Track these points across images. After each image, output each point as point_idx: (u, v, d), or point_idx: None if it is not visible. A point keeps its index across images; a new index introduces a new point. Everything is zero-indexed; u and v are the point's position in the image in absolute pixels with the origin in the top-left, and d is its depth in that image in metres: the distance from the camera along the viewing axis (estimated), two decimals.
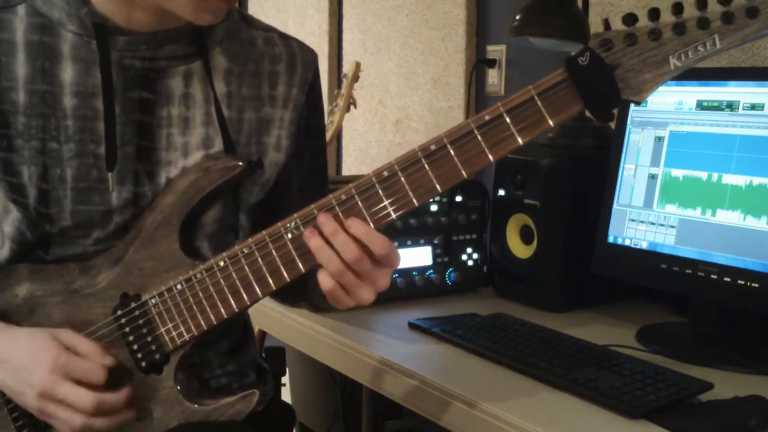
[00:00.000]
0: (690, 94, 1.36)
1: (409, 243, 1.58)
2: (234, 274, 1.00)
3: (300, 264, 0.98)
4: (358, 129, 2.64)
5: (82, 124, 1.02)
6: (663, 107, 1.39)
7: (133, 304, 1.03)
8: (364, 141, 2.63)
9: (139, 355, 1.03)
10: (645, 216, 1.40)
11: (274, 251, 0.99)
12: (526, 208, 1.53)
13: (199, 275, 1.01)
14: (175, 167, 1.05)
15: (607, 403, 1.07)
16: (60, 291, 1.04)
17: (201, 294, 1.01)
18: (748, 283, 1.25)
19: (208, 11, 0.97)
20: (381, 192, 0.96)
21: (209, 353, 1.14)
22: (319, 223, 0.96)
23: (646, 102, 1.37)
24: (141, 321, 1.03)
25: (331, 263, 0.95)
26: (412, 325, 1.40)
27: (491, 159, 0.94)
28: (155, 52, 1.03)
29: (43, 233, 1.04)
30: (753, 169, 1.26)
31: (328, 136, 1.83)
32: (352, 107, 2.18)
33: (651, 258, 1.38)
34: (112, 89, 1.01)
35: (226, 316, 1.01)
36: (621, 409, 1.05)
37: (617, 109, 1.45)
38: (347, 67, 2.30)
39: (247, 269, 1.00)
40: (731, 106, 1.31)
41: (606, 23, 0.92)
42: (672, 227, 1.36)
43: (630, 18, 0.91)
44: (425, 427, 1.60)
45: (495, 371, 1.21)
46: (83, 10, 1.00)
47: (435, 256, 1.60)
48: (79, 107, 1.01)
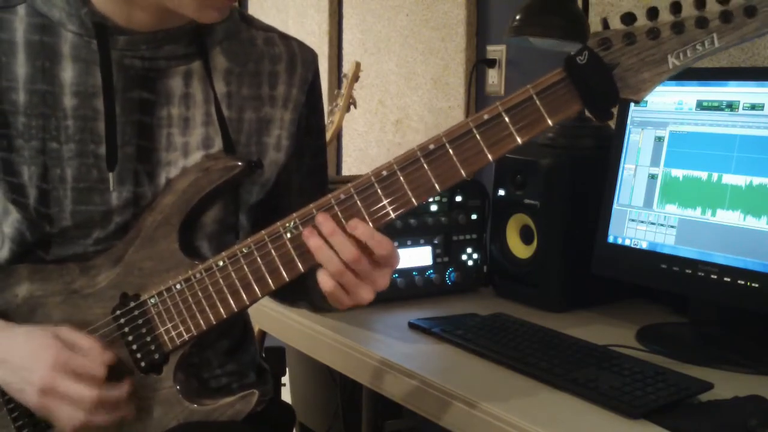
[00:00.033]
0: (690, 94, 1.36)
1: (409, 243, 1.58)
2: (233, 274, 1.00)
3: (299, 264, 0.98)
4: (358, 129, 2.64)
5: (82, 124, 1.02)
6: (663, 107, 1.39)
7: (133, 303, 1.03)
8: (364, 141, 2.63)
9: (139, 355, 1.03)
10: (645, 216, 1.40)
11: (273, 251, 0.99)
12: (526, 208, 1.53)
13: (198, 275, 1.01)
14: (175, 167, 1.05)
15: (607, 403, 1.07)
16: (60, 291, 1.04)
17: (200, 294, 1.01)
18: (748, 283, 1.25)
19: (211, 8, 0.97)
20: (380, 191, 0.96)
21: (209, 353, 1.14)
22: (318, 223, 0.96)
23: (645, 102, 1.37)
24: (140, 321, 1.03)
25: (331, 263, 0.95)
26: (412, 325, 1.40)
27: (490, 158, 0.94)
28: (155, 51, 1.03)
29: (43, 233, 1.04)
30: (753, 169, 1.26)
31: (328, 136, 1.83)
32: (352, 107, 2.18)
33: (651, 258, 1.38)
34: (112, 89, 1.01)
35: (225, 316, 1.01)
36: (621, 409, 1.05)
37: (617, 109, 1.45)
38: (347, 67, 2.30)
39: (247, 269, 1.00)
40: (731, 106, 1.31)
41: (605, 22, 0.92)
42: (672, 227, 1.36)
43: (628, 17, 0.91)
44: (425, 427, 1.60)
45: (495, 371, 1.21)
46: (83, 9, 1.00)
47: (435, 256, 1.60)
48: (79, 107, 1.01)
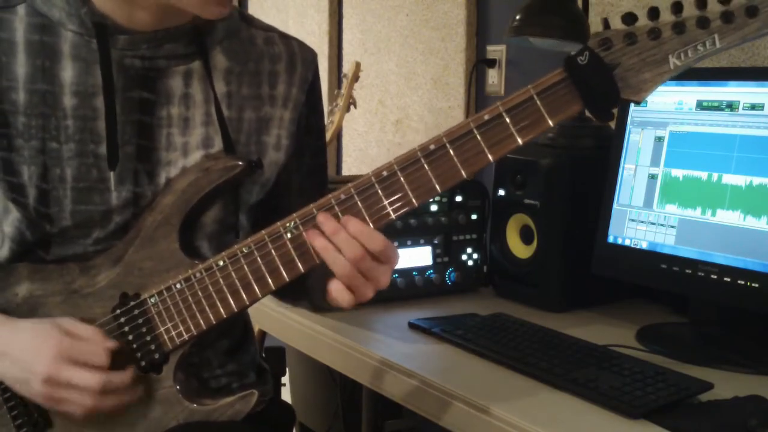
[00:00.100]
0: (690, 94, 1.36)
1: (409, 243, 1.58)
2: (233, 273, 1.00)
3: (299, 264, 0.98)
4: (358, 129, 2.64)
5: (82, 123, 1.02)
6: (663, 107, 1.39)
7: (133, 303, 1.03)
8: (364, 141, 2.63)
9: (138, 355, 1.03)
10: (645, 216, 1.40)
11: (273, 251, 0.99)
12: (526, 208, 1.53)
13: (199, 275, 1.01)
14: (175, 167, 1.05)
15: (607, 403, 1.07)
16: (60, 291, 1.04)
17: (200, 293, 1.01)
18: (748, 283, 1.25)
19: (214, 4, 0.97)
20: (380, 192, 0.96)
21: (209, 353, 1.14)
22: (319, 223, 0.96)
23: (646, 102, 1.37)
24: (140, 320, 1.03)
25: (338, 264, 0.95)
26: (412, 325, 1.40)
27: (491, 159, 0.94)
28: (155, 51, 1.03)
29: (43, 233, 1.04)
30: (753, 169, 1.26)
31: (328, 136, 1.84)
32: (352, 107, 2.18)
33: (651, 258, 1.38)
34: (112, 88, 1.01)
35: (225, 315, 1.01)
36: (621, 409, 1.05)
37: (617, 109, 1.45)
38: (347, 67, 2.30)
39: (247, 269, 1.00)
40: (731, 106, 1.31)
41: (605, 22, 0.92)
42: (672, 227, 1.36)
43: (629, 17, 0.90)
44: (425, 427, 1.60)
45: (495, 371, 1.21)
46: (83, 9, 1.00)
47: (435, 256, 1.60)
48: (79, 107, 1.01)
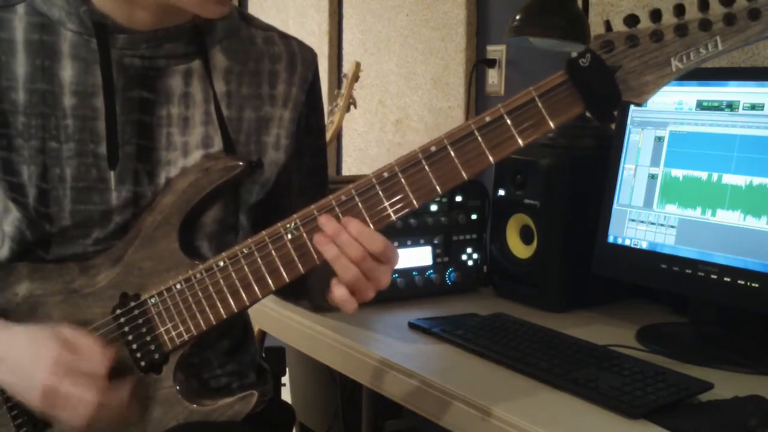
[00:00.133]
0: (690, 94, 1.36)
1: (409, 243, 1.58)
2: (233, 274, 1.00)
3: (299, 265, 0.98)
4: (358, 129, 2.64)
5: (81, 123, 1.02)
6: (663, 107, 1.39)
7: (133, 303, 1.03)
8: (364, 141, 2.63)
9: (138, 355, 1.03)
10: (645, 216, 1.40)
11: (273, 252, 0.99)
12: (526, 208, 1.53)
13: (199, 275, 1.01)
14: (175, 167, 1.05)
15: (607, 403, 1.07)
16: (59, 290, 1.04)
17: (200, 294, 1.01)
18: (748, 283, 1.25)
19: (214, 3, 0.97)
20: (381, 193, 0.96)
21: (208, 353, 1.13)
22: (321, 224, 0.96)
23: (646, 102, 1.37)
24: (140, 321, 1.03)
25: (348, 271, 0.95)
26: (412, 325, 1.40)
27: (492, 160, 0.94)
28: (155, 50, 1.03)
29: (43, 233, 1.03)
30: (753, 169, 1.26)
31: (328, 136, 1.83)
32: (352, 107, 2.17)
33: (651, 258, 1.38)
34: (112, 88, 1.01)
35: (225, 316, 1.01)
36: (621, 409, 1.05)
37: (617, 110, 1.45)
38: (347, 67, 2.30)
39: (247, 269, 1.00)
40: (731, 106, 1.30)
41: (607, 24, 0.92)
42: (672, 227, 1.36)
43: (631, 19, 0.90)
44: (425, 427, 1.60)
45: (495, 371, 1.21)
46: (83, 8, 1.00)
47: (435, 256, 1.60)
48: (79, 106, 1.01)
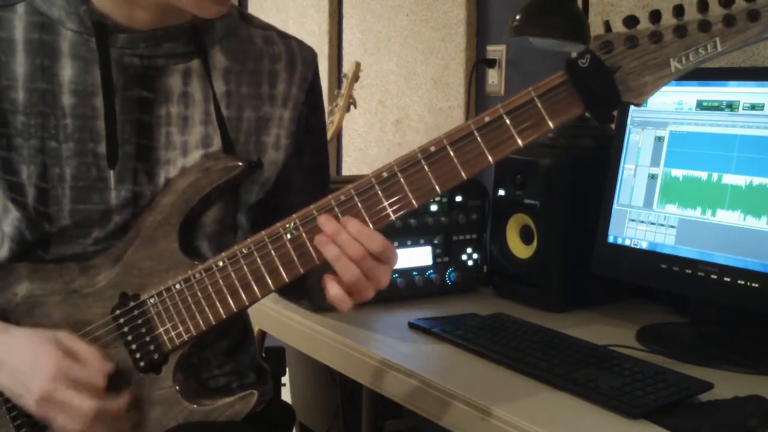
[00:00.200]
0: (690, 94, 1.36)
1: (409, 243, 1.58)
2: (233, 274, 1.00)
3: (299, 265, 0.98)
4: (358, 129, 2.64)
5: (81, 122, 1.02)
6: (663, 107, 1.39)
7: (132, 303, 1.03)
8: (364, 141, 2.63)
9: (138, 355, 1.03)
10: (645, 216, 1.40)
11: (273, 252, 0.99)
12: (526, 208, 1.53)
13: (198, 275, 1.01)
14: (174, 166, 1.05)
15: (607, 403, 1.07)
16: (59, 290, 1.04)
17: (200, 294, 1.01)
18: (748, 283, 1.25)
19: (212, 2, 0.97)
20: (380, 193, 0.96)
21: (208, 353, 1.13)
22: (320, 224, 0.96)
23: (646, 102, 1.37)
24: (140, 321, 1.03)
25: (348, 271, 0.95)
26: (412, 325, 1.40)
27: (491, 160, 0.94)
28: (154, 50, 1.03)
29: (43, 232, 1.03)
30: (753, 169, 1.26)
31: (328, 136, 1.83)
32: (352, 107, 2.17)
33: (651, 258, 1.38)
34: (111, 87, 1.01)
35: (224, 316, 1.01)
36: (621, 409, 1.05)
37: (617, 110, 1.45)
38: (347, 67, 2.30)
39: (246, 269, 1.00)
40: (731, 106, 1.30)
41: (607, 25, 0.92)
42: (672, 227, 1.36)
43: (631, 20, 0.90)
44: (425, 427, 1.60)
45: (495, 371, 1.21)
46: (82, 8, 1.00)
47: (435, 256, 1.60)
48: (78, 106, 1.01)
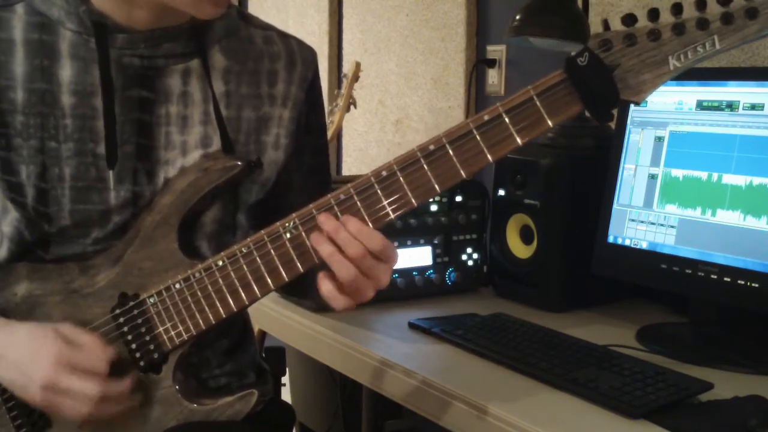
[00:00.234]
0: (690, 94, 1.36)
1: (409, 243, 1.58)
2: (232, 273, 1.00)
3: (299, 264, 0.98)
4: (358, 129, 2.64)
5: (80, 122, 1.02)
6: (663, 107, 1.39)
7: (132, 303, 1.03)
8: (364, 141, 2.63)
9: (138, 355, 1.03)
10: (645, 216, 1.40)
11: (272, 251, 0.99)
12: (526, 208, 1.53)
13: (198, 275, 1.01)
14: (174, 166, 1.05)
15: (607, 403, 1.07)
16: (59, 290, 1.04)
17: (199, 293, 1.01)
18: (748, 283, 1.25)
19: (209, 4, 0.97)
20: (380, 192, 0.96)
21: (208, 353, 1.13)
22: (320, 222, 0.96)
23: (646, 102, 1.37)
24: (139, 320, 1.03)
25: (344, 269, 0.94)
26: (412, 325, 1.40)
27: (490, 159, 0.94)
28: (154, 50, 1.03)
29: (42, 233, 1.03)
30: (753, 169, 1.26)
31: (328, 135, 1.83)
32: (352, 107, 2.17)
33: (651, 258, 1.38)
34: (111, 87, 1.01)
35: (224, 315, 1.01)
36: (621, 409, 1.05)
37: (617, 109, 1.45)
38: (347, 67, 2.30)
39: (246, 269, 1.00)
40: (731, 106, 1.30)
41: (605, 24, 0.92)
42: (672, 227, 1.36)
43: (629, 18, 0.90)
44: (425, 427, 1.60)
45: (495, 371, 1.21)
46: (82, 8, 1.00)
47: (435, 256, 1.60)
48: (78, 106, 1.01)
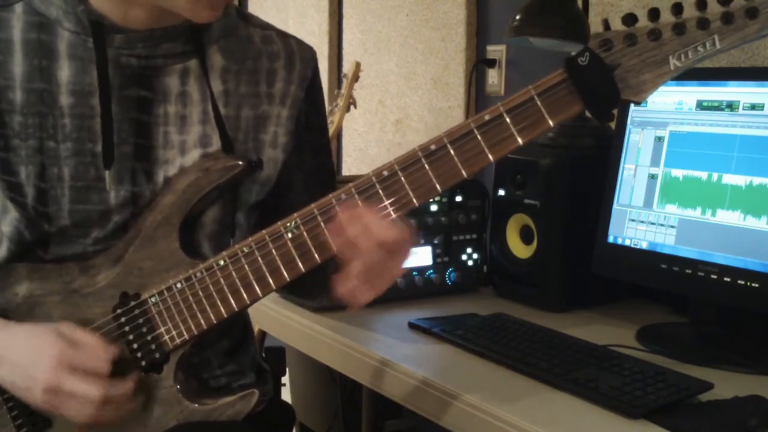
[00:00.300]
0: (690, 94, 1.36)
1: None
2: (234, 273, 1.00)
3: (300, 264, 0.98)
4: (358, 129, 2.64)
5: (79, 122, 1.02)
6: (663, 107, 1.39)
7: (133, 303, 1.03)
8: (364, 141, 2.63)
9: (139, 354, 1.03)
10: (645, 216, 1.40)
11: (274, 251, 0.99)
12: (526, 208, 1.53)
13: (199, 274, 1.01)
14: (173, 166, 1.05)
15: (607, 403, 1.07)
16: (59, 290, 1.04)
17: (201, 293, 1.01)
18: (748, 283, 1.25)
19: (205, 7, 0.97)
20: (381, 192, 0.96)
21: (209, 353, 1.13)
22: (340, 211, 0.95)
23: (646, 102, 1.36)
24: (141, 320, 1.03)
25: (362, 255, 0.93)
26: (412, 325, 1.40)
27: (491, 159, 0.94)
28: (152, 50, 1.03)
29: (42, 232, 1.03)
30: (753, 169, 1.26)
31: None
32: (352, 107, 2.17)
33: (651, 258, 1.38)
34: (108, 87, 1.01)
35: (226, 315, 1.01)
36: (621, 409, 1.05)
37: (617, 109, 1.45)
38: (347, 67, 2.30)
39: (247, 268, 1.00)
40: (731, 106, 1.30)
41: (606, 23, 0.92)
42: (672, 227, 1.36)
43: (630, 18, 0.91)
44: (425, 427, 1.60)
45: (495, 371, 1.21)
46: (80, 8, 1.00)
47: (435, 256, 1.60)
48: (76, 105, 1.01)
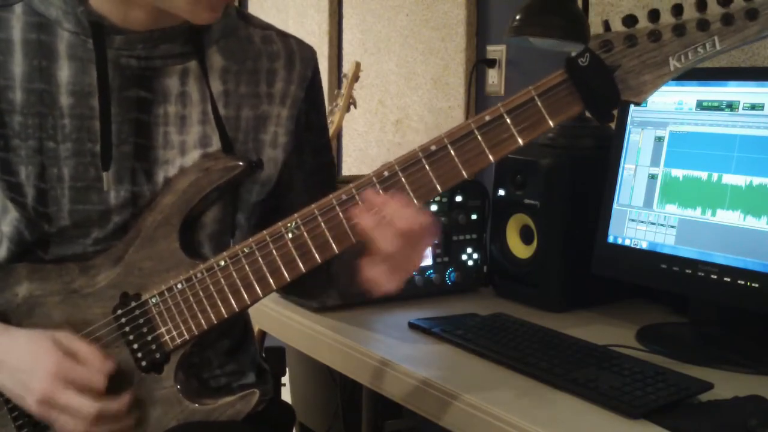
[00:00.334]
0: (690, 94, 1.36)
1: None
2: (234, 273, 1.00)
3: (300, 264, 0.98)
4: (358, 129, 2.64)
5: (78, 123, 1.02)
6: (663, 107, 1.39)
7: (133, 303, 1.03)
8: (364, 141, 2.63)
9: (140, 355, 1.03)
10: (645, 216, 1.40)
11: (274, 251, 0.99)
12: (526, 208, 1.53)
13: (200, 275, 1.01)
14: (173, 166, 1.05)
15: (607, 403, 1.07)
16: (59, 291, 1.04)
17: (201, 293, 1.01)
18: (748, 283, 1.25)
19: (204, 9, 0.97)
20: (381, 192, 0.96)
21: (209, 353, 1.13)
22: (365, 199, 0.95)
23: (646, 102, 1.37)
24: (141, 320, 1.03)
25: (386, 237, 0.93)
26: (412, 325, 1.40)
27: (491, 159, 0.94)
28: (151, 51, 1.03)
29: (42, 233, 1.04)
30: (753, 169, 1.26)
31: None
32: (352, 107, 2.17)
33: (651, 258, 1.38)
34: (107, 88, 1.01)
35: (226, 315, 1.02)
36: (621, 409, 1.05)
37: (617, 109, 1.45)
38: (347, 67, 2.30)
39: (248, 269, 1.00)
40: (731, 106, 1.31)
41: (606, 24, 0.92)
42: (672, 227, 1.36)
43: (630, 19, 0.91)
44: (425, 427, 1.60)
45: (495, 371, 1.21)
46: (80, 8, 1.00)
47: (435, 256, 1.60)
48: (76, 106, 1.01)
